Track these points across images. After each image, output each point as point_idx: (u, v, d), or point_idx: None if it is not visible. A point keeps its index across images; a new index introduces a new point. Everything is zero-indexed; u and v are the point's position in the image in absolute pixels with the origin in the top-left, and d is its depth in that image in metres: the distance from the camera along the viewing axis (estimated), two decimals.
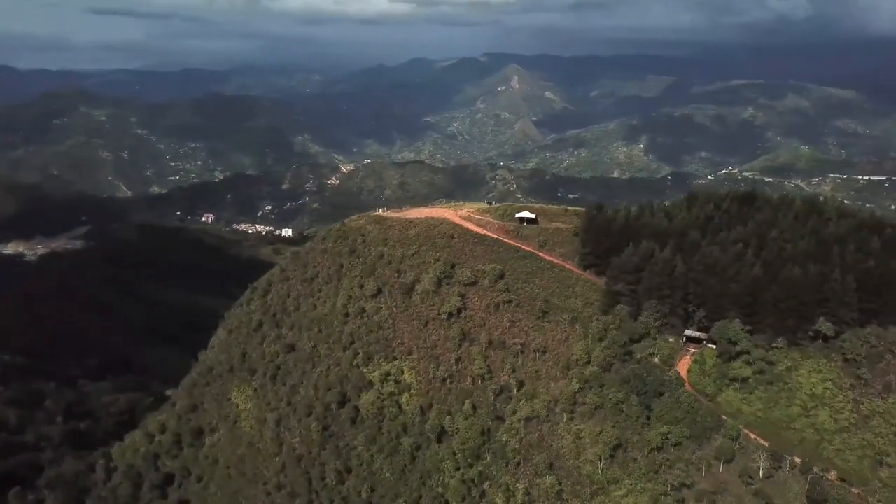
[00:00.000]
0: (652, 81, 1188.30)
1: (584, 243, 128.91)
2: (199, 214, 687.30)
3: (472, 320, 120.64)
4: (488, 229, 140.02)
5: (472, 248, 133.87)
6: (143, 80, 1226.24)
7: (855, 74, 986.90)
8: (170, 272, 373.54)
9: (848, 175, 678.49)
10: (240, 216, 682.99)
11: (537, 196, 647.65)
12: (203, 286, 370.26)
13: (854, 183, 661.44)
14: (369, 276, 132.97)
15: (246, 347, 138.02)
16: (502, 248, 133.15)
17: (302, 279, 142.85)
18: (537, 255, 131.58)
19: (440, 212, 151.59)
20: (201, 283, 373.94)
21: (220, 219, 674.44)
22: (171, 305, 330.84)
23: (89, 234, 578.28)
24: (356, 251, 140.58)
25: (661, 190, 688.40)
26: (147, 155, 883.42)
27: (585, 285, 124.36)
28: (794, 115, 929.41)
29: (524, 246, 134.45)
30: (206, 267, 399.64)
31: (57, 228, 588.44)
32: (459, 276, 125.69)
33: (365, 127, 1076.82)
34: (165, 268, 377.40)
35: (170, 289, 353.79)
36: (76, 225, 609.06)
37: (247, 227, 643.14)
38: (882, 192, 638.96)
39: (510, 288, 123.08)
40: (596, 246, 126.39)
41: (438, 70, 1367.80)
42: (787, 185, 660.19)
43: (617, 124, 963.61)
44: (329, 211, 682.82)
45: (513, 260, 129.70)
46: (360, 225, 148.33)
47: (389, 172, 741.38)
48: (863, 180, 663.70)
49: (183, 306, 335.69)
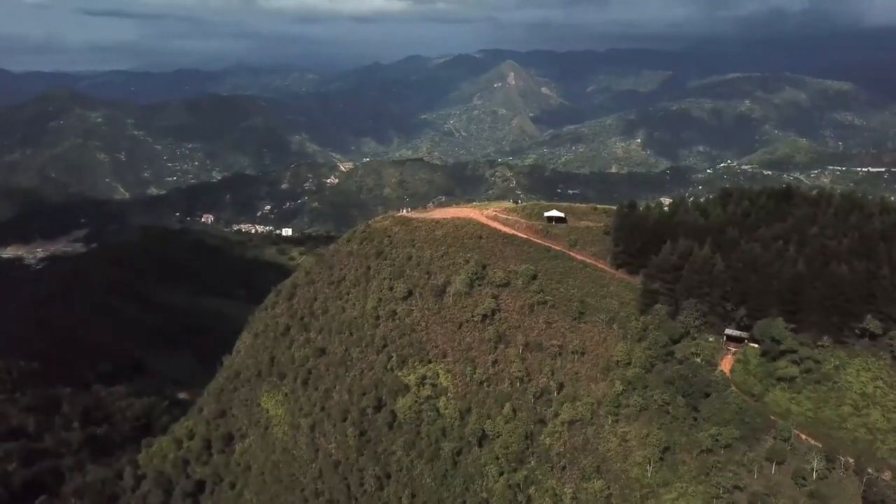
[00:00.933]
0: (648, 76, 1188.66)
1: (617, 241, 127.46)
2: (198, 215, 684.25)
3: (507, 322, 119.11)
4: (516, 229, 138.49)
5: (501, 248, 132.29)
6: (137, 81, 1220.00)
7: (851, 66, 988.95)
8: (173, 274, 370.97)
9: (847, 167, 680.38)
10: (239, 217, 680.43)
11: (537, 193, 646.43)
12: (207, 288, 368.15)
13: (853, 175, 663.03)
14: (398, 278, 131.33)
15: (274, 352, 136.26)
16: (532, 248, 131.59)
17: (329, 282, 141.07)
18: (569, 255, 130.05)
19: (465, 212, 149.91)
20: (205, 285, 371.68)
21: (220, 219, 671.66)
22: (175, 308, 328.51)
23: (89, 236, 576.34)
24: (383, 253, 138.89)
25: (661, 184, 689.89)
26: (144, 156, 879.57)
27: (620, 285, 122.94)
28: (790, 108, 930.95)
29: (554, 245, 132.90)
30: (209, 269, 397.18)
31: (56, 231, 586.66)
32: (491, 278, 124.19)
33: (361, 125, 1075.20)
34: (169, 270, 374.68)
35: (174, 291, 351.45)
36: (74, 228, 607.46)
37: (247, 227, 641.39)
38: (881, 184, 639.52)
39: (544, 289, 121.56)
40: (629, 244, 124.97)
41: (434, 67, 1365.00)
42: (786, 178, 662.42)
43: (614, 119, 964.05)
44: (329, 210, 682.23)
45: (544, 260, 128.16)
46: (386, 226, 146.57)
47: (388, 171, 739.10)
48: (862, 172, 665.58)
49: (188, 309, 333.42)
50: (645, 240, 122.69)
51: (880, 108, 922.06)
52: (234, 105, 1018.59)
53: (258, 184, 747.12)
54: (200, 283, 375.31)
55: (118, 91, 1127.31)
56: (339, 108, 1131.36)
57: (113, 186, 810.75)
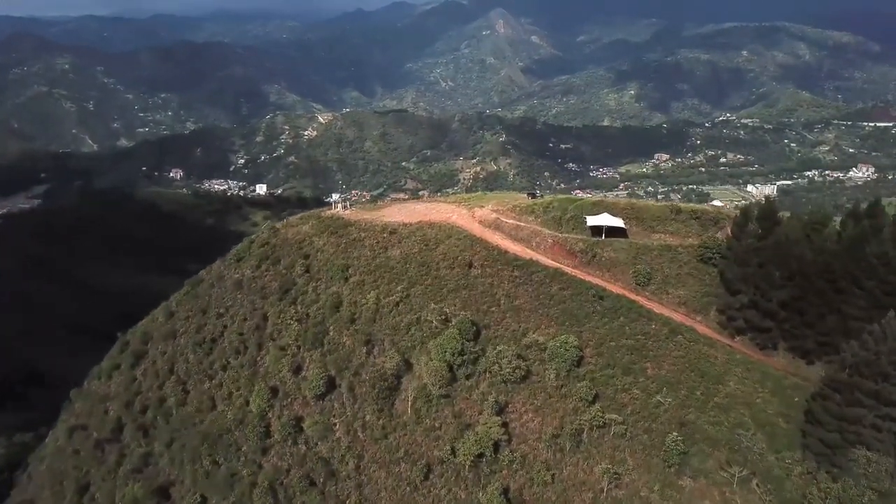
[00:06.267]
0: (640, 25, 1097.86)
1: (735, 282, 61.69)
2: (167, 170, 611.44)
3: (525, 470, 53.84)
4: (537, 248, 72.16)
5: (511, 289, 66.17)
6: (110, 27, 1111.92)
7: (852, 15, 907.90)
8: (112, 249, 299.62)
9: (852, 122, 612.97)
10: (212, 172, 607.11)
11: (529, 146, 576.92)
12: (152, 265, 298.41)
13: (859, 130, 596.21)
14: (313, 348, 65.36)
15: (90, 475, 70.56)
16: (570, 290, 65.41)
17: (193, 342, 74.57)
18: (638, 305, 64.10)
19: (443, 210, 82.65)
20: (151, 260, 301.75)
21: (191, 175, 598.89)
22: (107, 292, 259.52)
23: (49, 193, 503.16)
24: (291, 290, 72.50)
25: (658, 138, 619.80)
26: (114, 106, 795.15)
27: (747, 375, 57.76)
28: (788, 60, 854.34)
29: (609, 284, 66.83)
30: (159, 240, 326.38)
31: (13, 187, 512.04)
32: (491, 360, 58.53)
33: (344, 75, 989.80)
34: (107, 243, 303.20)
35: (110, 270, 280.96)
36: (34, 184, 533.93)
37: (218, 183, 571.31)
38: (889, 140, 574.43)
39: (601, 392, 56.12)
40: (764, 289, 59.32)
41: (420, 14, 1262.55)
42: (788, 133, 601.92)
43: (605, 70, 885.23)
44: (306, 165, 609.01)
45: (594, 318, 62.35)
46: (303, 235, 79.74)
47: (370, 122, 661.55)
48: (868, 127, 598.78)
49: (125, 292, 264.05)
50: (807, 286, 57.35)
51: (882, 59, 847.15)
52: (211, 53, 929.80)
53: (232, 136, 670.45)
54: (145, 259, 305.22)
55: (90, 37, 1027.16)
56: (320, 57, 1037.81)
57: (80, 138, 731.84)
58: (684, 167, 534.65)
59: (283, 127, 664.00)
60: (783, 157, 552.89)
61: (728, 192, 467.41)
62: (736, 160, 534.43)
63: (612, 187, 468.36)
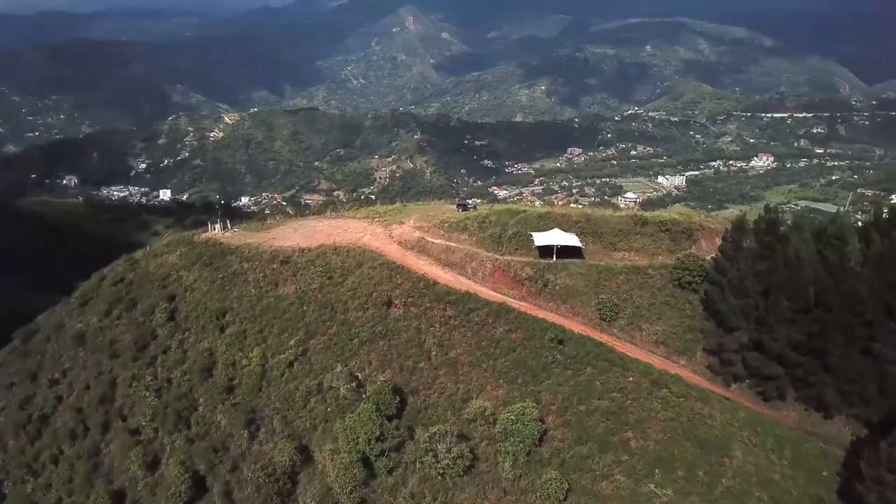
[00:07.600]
0: (549, 21, 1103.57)
1: (735, 316, 47.19)
2: (59, 177, 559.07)
3: None
4: (473, 275, 55.54)
5: (441, 334, 49.37)
6: None
7: (746, 11, 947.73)
8: None
9: (752, 113, 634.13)
10: (111, 178, 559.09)
11: (445, 144, 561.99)
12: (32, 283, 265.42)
13: (758, 121, 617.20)
14: (173, 435, 46.52)
15: None
16: (519, 330, 49.22)
17: (16, 422, 53.85)
18: (609, 349, 48.50)
19: (352, 229, 64.40)
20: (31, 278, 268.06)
21: (87, 181, 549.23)
22: None
23: None
24: (147, 350, 53.06)
25: (570, 133, 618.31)
26: None
27: (760, 439, 43.41)
28: (689, 55, 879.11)
29: (567, 321, 51.01)
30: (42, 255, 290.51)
31: None
32: (422, 447, 41.61)
33: (251, 74, 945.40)
34: None
35: None
36: None
37: (118, 189, 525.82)
38: (785, 130, 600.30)
39: (575, 483, 40.23)
40: (772, 325, 45.05)
41: (329, 11, 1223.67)
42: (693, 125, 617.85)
43: (516, 66, 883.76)
44: (213, 168, 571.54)
45: (555, 372, 46.47)
46: (169, 268, 60.10)
47: (280, 122, 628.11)
48: (766, 118, 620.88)
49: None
50: (826, 319, 43.49)
51: (773, 52, 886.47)
52: (108, 51, 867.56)
53: (132, 139, 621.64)
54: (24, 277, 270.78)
55: None
56: (226, 54, 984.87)
57: None
58: (597, 161, 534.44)
59: (187, 129, 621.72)
60: (690, 148, 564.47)
61: (640, 183, 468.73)
62: (646, 152, 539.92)
63: (527, 183, 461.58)
